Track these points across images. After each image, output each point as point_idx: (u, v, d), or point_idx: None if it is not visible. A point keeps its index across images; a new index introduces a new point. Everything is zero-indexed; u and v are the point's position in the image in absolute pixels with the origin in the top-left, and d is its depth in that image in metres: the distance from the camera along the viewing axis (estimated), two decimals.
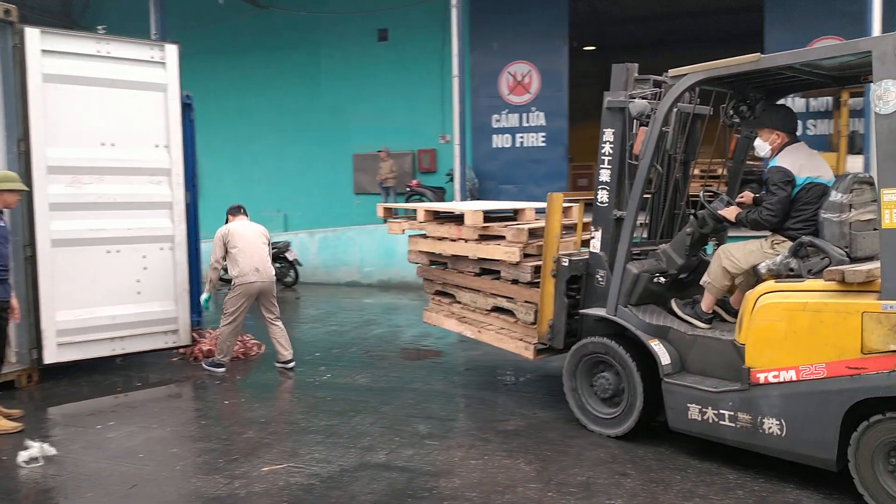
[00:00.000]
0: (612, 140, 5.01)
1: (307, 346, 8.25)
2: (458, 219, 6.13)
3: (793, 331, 3.94)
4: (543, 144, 14.72)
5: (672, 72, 4.62)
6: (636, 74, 5.05)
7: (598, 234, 5.08)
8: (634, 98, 4.84)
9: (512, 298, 5.77)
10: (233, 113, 16.79)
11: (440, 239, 6.22)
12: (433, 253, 6.41)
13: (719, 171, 8.88)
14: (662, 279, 4.87)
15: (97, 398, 6.21)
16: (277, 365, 6.98)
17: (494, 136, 14.98)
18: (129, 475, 4.42)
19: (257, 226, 7.17)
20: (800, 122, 13.15)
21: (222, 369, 6.88)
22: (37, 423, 5.47)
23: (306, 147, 16.61)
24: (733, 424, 4.20)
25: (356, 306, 11.13)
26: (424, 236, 6.45)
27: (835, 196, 4.16)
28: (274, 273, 7.12)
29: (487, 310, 6.04)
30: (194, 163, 7.90)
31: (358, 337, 8.64)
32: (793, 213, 4.40)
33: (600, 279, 5.04)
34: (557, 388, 5.79)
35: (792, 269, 4.14)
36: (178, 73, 7.15)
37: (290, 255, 13.37)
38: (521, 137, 14.86)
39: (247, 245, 6.82)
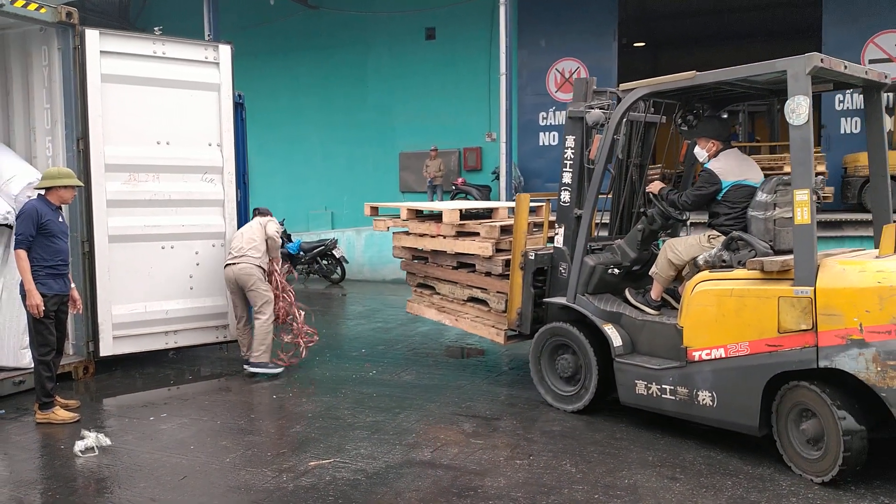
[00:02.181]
0: (573, 146, 5.57)
1: (353, 342, 8.34)
2: (437, 217, 6.63)
3: (722, 314, 4.47)
4: None
5: (622, 86, 5.17)
6: (595, 87, 5.62)
7: (561, 231, 5.63)
8: (591, 109, 5.34)
9: (485, 289, 6.30)
10: (283, 112, 17.04)
11: (421, 235, 6.70)
12: (415, 248, 6.92)
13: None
14: (617, 270, 5.40)
15: (150, 390, 6.39)
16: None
17: (541, 134, 14.88)
18: (181, 466, 4.53)
19: (260, 221, 6.99)
20: (858, 120, 12.84)
21: (273, 369, 6.68)
22: (92, 414, 5.64)
23: (354, 146, 16.76)
24: (673, 397, 4.71)
25: (401, 304, 11.14)
26: (408, 233, 6.92)
27: (760, 196, 4.75)
28: (251, 262, 6.63)
29: (464, 300, 6.56)
30: (245, 161, 8.04)
31: (403, 334, 8.68)
32: (724, 211, 4.94)
33: (563, 271, 5.56)
34: None
35: (724, 261, 4.68)
36: (230, 73, 7.27)
37: (336, 253, 13.53)
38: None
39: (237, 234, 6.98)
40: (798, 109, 4.16)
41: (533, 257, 5.73)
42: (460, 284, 6.55)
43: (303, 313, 7.11)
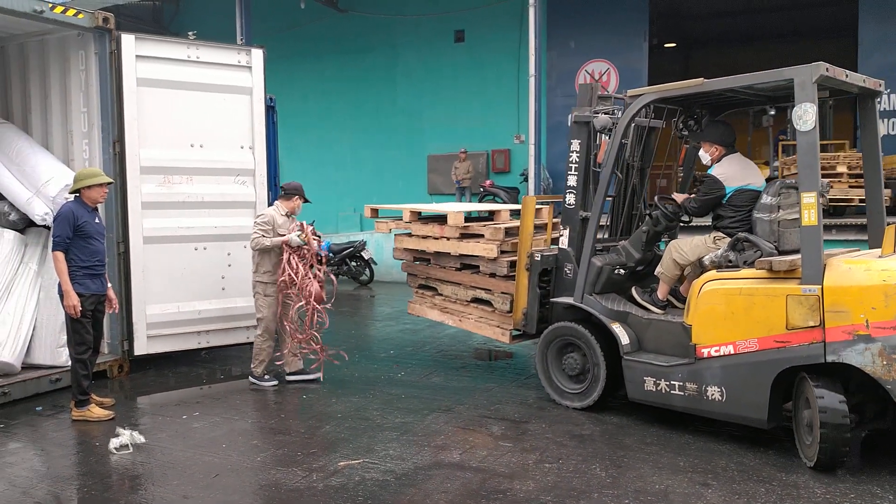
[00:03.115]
0: (578, 150, 5.72)
1: (381, 343, 8.37)
2: (440, 219, 6.70)
3: (731, 312, 4.63)
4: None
5: (630, 92, 5.37)
6: (599, 93, 5.80)
7: (566, 233, 5.77)
8: (598, 114, 5.48)
9: (489, 290, 6.39)
10: (312, 115, 17.18)
11: (424, 237, 6.76)
12: (417, 250, 6.95)
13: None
14: (622, 271, 5.53)
15: (183, 389, 6.48)
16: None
17: None
18: (213, 465, 4.59)
19: None
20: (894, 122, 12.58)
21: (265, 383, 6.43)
22: (127, 412, 5.74)
23: (382, 148, 16.84)
24: (682, 393, 4.86)
25: None
26: (410, 235, 6.95)
27: (765, 199, 4.90)
28: (253, 278, 6.39)
29: (467, 301, 6.64)
30: (276, 163, 8.12)
31: (431, 336, 8.69)
32: (729, 214, 5.12)
33: (568, 272, 5.70)
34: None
35: (730, 261, 4.84)
36: (263, 77, 7.36)
37: (365, 254, 13.61)
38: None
39: None
40: (805, 116, 4.38)
41: (539, 259, 5.83)
42: (463, 285, 6.64)
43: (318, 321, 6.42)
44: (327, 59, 17.08)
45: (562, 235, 5.80)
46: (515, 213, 6.62)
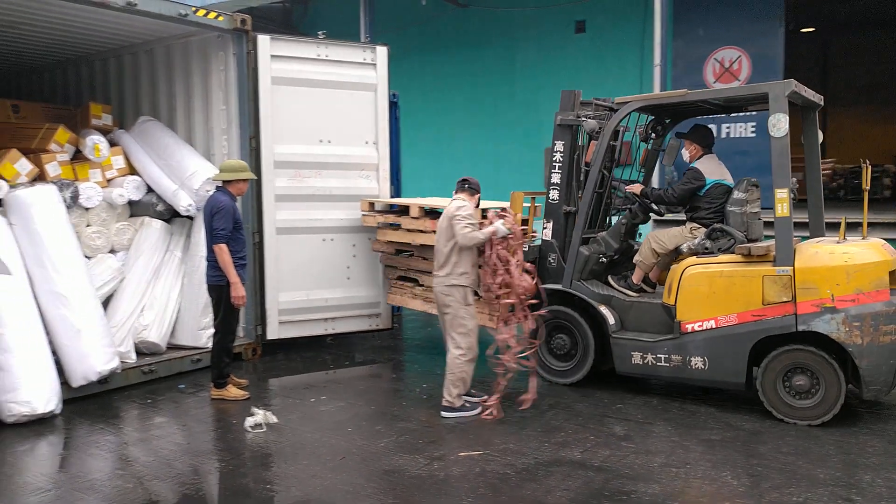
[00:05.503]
0: (562, 150, 6.23)
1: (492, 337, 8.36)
2: (431, 213, 6.77)
3: (713, 292, 5.29)
4: (753, 135, 13.67)
5: (618, 99, 5.99)
6: (581, 98, 6.32)
7: (550, 226, 6.25)
8: (585, 118, 5.99)
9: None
10: (431, 110, 17.38)
11: (410, 231, 6.88)
12: (399, 243, 7.08)
13: None
14: (604, 259, 6.04)
15: (310, 373, 6.77)
16: None
17: None
18: (339, 447, 4.76)
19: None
20: None
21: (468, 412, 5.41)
22: (260, 393, 6.06)
23: (500, 143, 16.78)
24: (668, 364, 5.49)
25: None
26: (395, 228, 7.07)
27: (737, 194, 5.62)
28: (440, 283, 5.40)
29: None
30: (398, 159, 8.29)
31: None
32: (704, 206, 5.78)
33: (551, 261, 6.19)
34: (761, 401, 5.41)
35: (706, 248, 5.47)
36: (387, 74, 7.54)
37: None
38: (728, 128, 13.88)
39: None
40: (779, 124, 5.04)
41: (527, 249, 6.14)
42: None
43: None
44: (447, 54, 17.23)
45: (545, 228, 6.23)
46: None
